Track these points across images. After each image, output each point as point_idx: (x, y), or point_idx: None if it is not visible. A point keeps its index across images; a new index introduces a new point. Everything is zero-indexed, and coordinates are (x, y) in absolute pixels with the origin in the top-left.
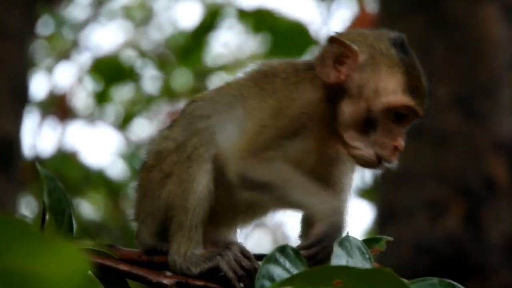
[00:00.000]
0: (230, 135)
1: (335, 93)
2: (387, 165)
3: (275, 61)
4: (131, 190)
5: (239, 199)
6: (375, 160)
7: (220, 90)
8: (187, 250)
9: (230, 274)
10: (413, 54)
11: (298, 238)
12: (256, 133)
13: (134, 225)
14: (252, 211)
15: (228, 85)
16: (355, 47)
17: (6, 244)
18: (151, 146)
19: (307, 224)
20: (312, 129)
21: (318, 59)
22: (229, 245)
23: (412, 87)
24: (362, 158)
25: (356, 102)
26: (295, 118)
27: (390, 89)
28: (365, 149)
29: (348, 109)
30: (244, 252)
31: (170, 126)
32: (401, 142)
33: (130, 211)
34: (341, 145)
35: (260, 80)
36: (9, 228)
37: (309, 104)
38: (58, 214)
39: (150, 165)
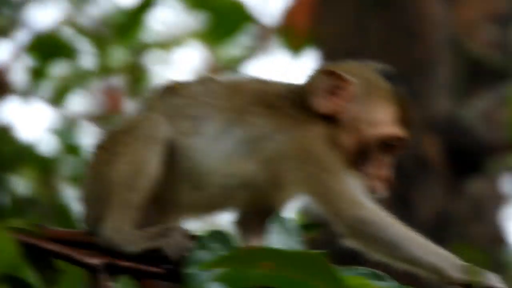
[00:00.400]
0: (227, 150)
1: (328, 124)
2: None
3: (275, 85)
4: (63, 166)
5: (185, 194)
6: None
7: (211, 94)
8: (124, 227)
9: (173, 256)
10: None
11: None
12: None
13: (82, 207)
14: (197, 210)
15: (222, 94)
16: (352, 79)
17: None
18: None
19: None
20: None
21: (313, 90)
22: (171, 227)
23: (403, 118)
24: None
25: (350, 133)
26: (326, 154)
27: (383, 121)
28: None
29: (342, 139)
30: (185, 233)
31: (147, 109)
32: (389, 172)
33: (61, 187)
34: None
35: (268, 112)
36: None
37: (325, 139)
38: None
39: (103, 144)
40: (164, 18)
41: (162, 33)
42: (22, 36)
